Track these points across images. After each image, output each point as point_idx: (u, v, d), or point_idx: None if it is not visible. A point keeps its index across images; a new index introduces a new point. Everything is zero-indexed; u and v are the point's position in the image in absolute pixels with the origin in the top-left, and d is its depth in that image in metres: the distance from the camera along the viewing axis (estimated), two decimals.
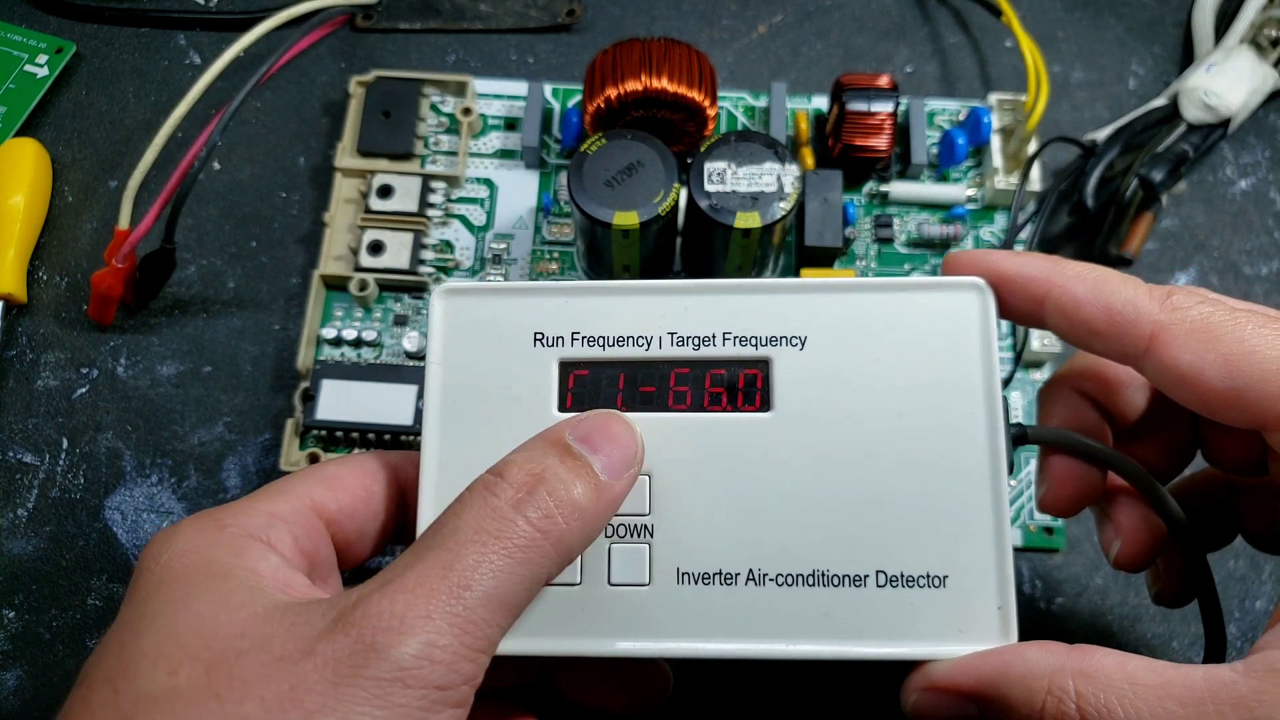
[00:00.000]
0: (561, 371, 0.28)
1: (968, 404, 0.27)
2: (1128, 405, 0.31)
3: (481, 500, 0.24)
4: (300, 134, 0.48)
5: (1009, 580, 0.27)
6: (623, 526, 0.27)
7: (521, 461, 0.25)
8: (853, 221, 0.45)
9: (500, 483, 0.24)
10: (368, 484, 0.28)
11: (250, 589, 0.24)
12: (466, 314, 0.29)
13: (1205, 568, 0.29)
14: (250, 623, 0.23)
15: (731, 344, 0.28)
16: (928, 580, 0.27)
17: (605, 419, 0.27)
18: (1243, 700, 0.22)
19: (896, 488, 0.27)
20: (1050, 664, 0.24)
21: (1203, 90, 0.45)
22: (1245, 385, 0.24)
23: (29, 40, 0.49)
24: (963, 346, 0.28)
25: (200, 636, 0.22)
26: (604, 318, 0.28)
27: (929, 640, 0.27)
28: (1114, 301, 0.26)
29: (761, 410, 0.28)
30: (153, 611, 0.23)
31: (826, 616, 0.27)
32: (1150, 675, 0.23)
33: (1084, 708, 0.23)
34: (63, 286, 0.45)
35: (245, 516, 0.26)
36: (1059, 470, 0.30)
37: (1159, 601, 0.33)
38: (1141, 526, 0.30)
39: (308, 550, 0.27)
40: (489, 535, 0.23)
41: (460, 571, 0.23)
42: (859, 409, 0.27)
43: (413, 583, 0.22)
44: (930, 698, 0.26)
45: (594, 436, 0.26)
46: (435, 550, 0.23)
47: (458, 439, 0.28)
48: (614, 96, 0.41)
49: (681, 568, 0.27)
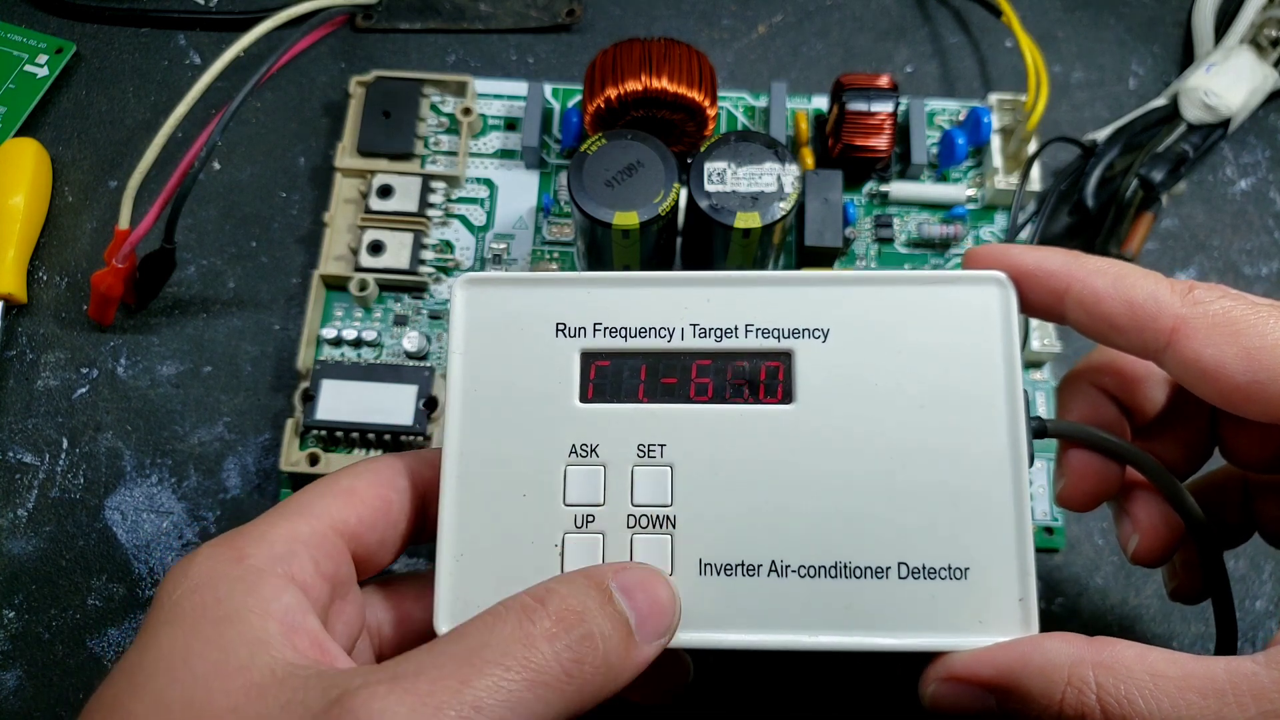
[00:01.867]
0: (583, 362, 0.28)
1: (989, 397, 0.27)
2: (1146, 401, 0.31)
3: (516, 621, 0.23)
4: (300, 134, 0.48)
5: (1030, 572, 0.27)
6: (645, 517, 0.28)
7: (563, 595, 0.24)
8: (853, 221, 0.45)
9: (539, 609, 0.23)
10: (384, 494, 0.28)
11: (254, 643, 0.23)
12: (489, 304, 0.29)
13: (1221, 565, 0.29)
14: (244, 697, 0.22)
15: (754, 336, 0.28)
16: (949, 572, 0.27)
17: (651, 578, 0.26)
18: (1264, 691, 0.22)
19: (918, 480, 0.27)
20: (1070, 655, 0.24)
21: (1203, 90, 0.45)
22: (1267, 378, 0.24)
23: (29, 40, 0.49)
24: (984, 340, 0.28)
25: (191, 709, 0.22)
26: (626, 309, 0.28)
27: (949, 631, 0.27)
28: (1135, 295, 0.26)
29: (784, 402, 0.28)
30: (151, 663, 0.23)
31: (848, 608, 0.27)
32: (1171, 667, 0.23)
33: (1104, 699, 0.23)
34: (63, 286, 0.45)
35: (266, 544, 0.25)
36: (1077, 464, 0.30)
37: (1175, 598, 0.33)
38: (1160, 522, 0.30)
39: (329, 573, 0.26)
40: (515, 661, 0.22)
41: (477, 690, 0.21)
42: (881, 402, 0.28)
43: (425, 688, 0.21)
44: (949, 688, 0.26)
45: (637, 592, 0.25)
46: (456, 661, 0.22)
47: (480, 428, 0.28)
48: (614, 96, 0.41)
49: (704, 559, 0.27)
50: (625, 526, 0.27)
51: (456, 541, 0.27)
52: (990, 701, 0.26)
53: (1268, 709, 0.22)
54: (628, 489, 0.28)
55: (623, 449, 0.28)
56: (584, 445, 0.28)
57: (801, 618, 0.27)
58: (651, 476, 0.28)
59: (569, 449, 0.28)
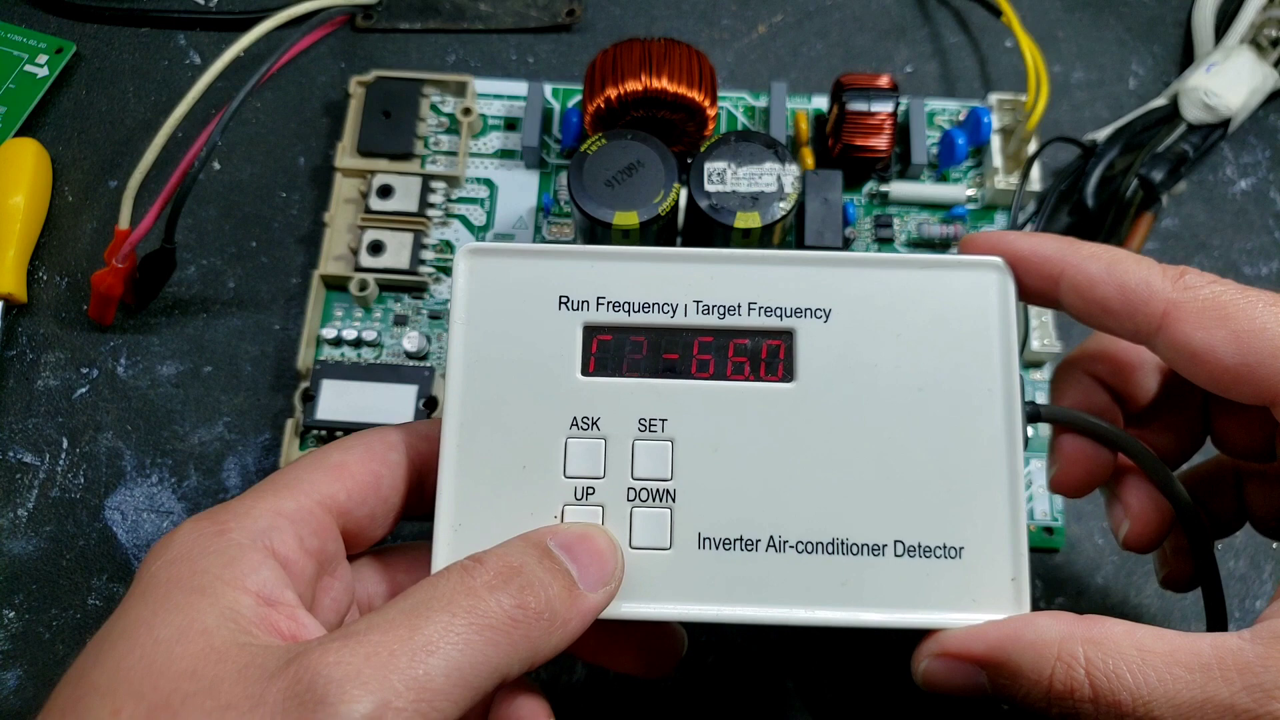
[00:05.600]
0: (585, 335, 0.28)
1: (986, 380, 0.28)
2: (1139, 389, 0.31)
3: (458, 576, 0.24)
4: (300, 134, 0.48)
5: (1023, 552, 0.27)
6: (645, 491, 0.28)
7: (500, 553, 0.25)
8: (853, 221, 0.45)
9: (478, 566, 0.24)
10: (375, 468, 0.28)
11: (223, 612, 0.23)
12: (491, 275, 0.29)
13: (1210, 552, 0.30)
14: (204, 660, 0.22)
15: (757, 314, 0.28)
16: (944, 551, 0.27)
17: (588, 530, 0.27)
18: (1249, 666, 0.22)
19: (915, 460, 0.28)
20: (1060, 632, 0.24)
21: (1203, 90, 0.45)
22: (1256, 361, 0.25)
23: (29, 40, 0.49)
24: (983, 324, 0.28)
25: (150, 673, 0.22)
26: (630, 283, 0.29)
27: (943, 609, 0.27)
28: (1128, 280, 0.26)
29: (784, 381, 0.28)
30: (119, 632, 0.23)
31: (845, 584, 0.27)
32: (1158, 643, 0.24)
33: (1093, 674, 0.23)
34: (63, 286, 0.45)
35: (249, 519, 0.25)
36: (1070, 450, 0.31)
37: (1166, 585, 0.33)
38: (1150, 508, 0.30)
39: (313, 549, 0.26)
40: (460, 608, 0.23)
41: (427, 635, 0.22)
42: (880, 382, 0.28)
43: (375, 639, 0.22)
44: (941, 664, 0.26)
45: (575, 546, 0.26)
46: (404, 614, 0.23)
47: (480, 399, 0.28)
48: (614, 96, 0.41)
49: (703, 533, 0.28)
50: (625, 499, 0.28)
51: (455, 512, 0.27)
52: (981, 678, 0.26)
53: (1252, 683, 0.22)
54: (628, 462, 0.28)
55: (624, 423, 0.28)
56: (585, 418, 0.28)
57: (798, 593, 0.27)
58: (652, 450, 0.28)
59: (570, 421, 0.28)
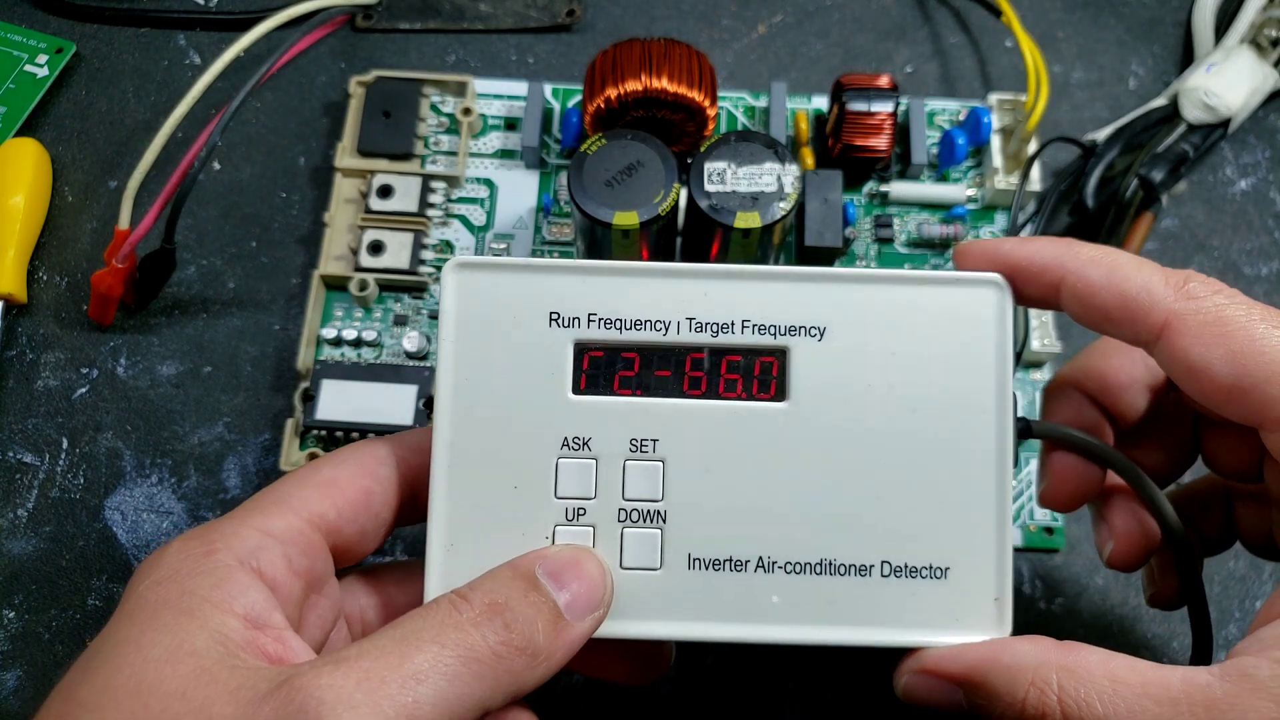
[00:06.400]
0: (576, 353, 0.28)
1: (979, 402, 0.28)
2: (1129, 407, 0.31)
3: (447, 609, 0.24)
4: (300, 134, 0.48)
5: (1007, 574, 0.27)
6: (636, 512, 0.28)
7: (486, 588, 0.25)
8: (853, 221, 0.45)
9: (465, 603, 0.25)
10: (366, 484, 0.28)
11: (212, 634, 0.23)
12: (480, 290, 0.28)
13: (1196, 573, 0.30)
14: (194, 681, 0.22)
15: (750, 332, 0.28)
16: (930, 571, 0.27)
17: (577, 555, 0.27)
18: (1215, 703, 0.23)
19: (905, 481, 0.27)
20: (1037, 657, 0.25)
21: (1203, 90, 0.45)
22: (1250, 384, 0.25)
23: (29, 40, 0.49)
24: (978, 345, 0.28)
25: (140, 692, 0.22)
26: (622, 300, 0.28)
27: (927, 629, 0.27)
28: (1128, 289, 0.26)
29: (776, 400, 0.28)
30: (107, 651, 0.23)
31: (832, 604, 0.27)
32: (1131, 674, 0.24)
33: (1065, 700, 0.24)
34: (63, 286, 0.45)
35: (237, 539, 0.25)
36: (1060, 466, 0.31)
37: (1153, 604, 0.33)
38: (1135, 528, 0.31)
39: (302, 569, 0.26)
40: (449, 640, 0.23)
41: (417, 664, 0.23)
42: (873, 402, 0.28)
43: (367, 665, 0.22)
44: (921, 681, 0.27)
45: (564, 574, 0.26)
46: (395, 642, 0.23)
47: (470, 418, 0.28)
48: (614, 96, 0.41)
49: (693, 553, 0.28)
50: (616, 520, 0.28)
51: (447, 532, 0.27)
52: (959, 696, 0.26)
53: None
54: (619, 483, 0.28)
55: (615, 443, 0.28)
56: (576, 438, 0.28)
57: (785, 613, 0.27)
58: (643, 471, 0.28)
59: (561, 442, 0.28)
